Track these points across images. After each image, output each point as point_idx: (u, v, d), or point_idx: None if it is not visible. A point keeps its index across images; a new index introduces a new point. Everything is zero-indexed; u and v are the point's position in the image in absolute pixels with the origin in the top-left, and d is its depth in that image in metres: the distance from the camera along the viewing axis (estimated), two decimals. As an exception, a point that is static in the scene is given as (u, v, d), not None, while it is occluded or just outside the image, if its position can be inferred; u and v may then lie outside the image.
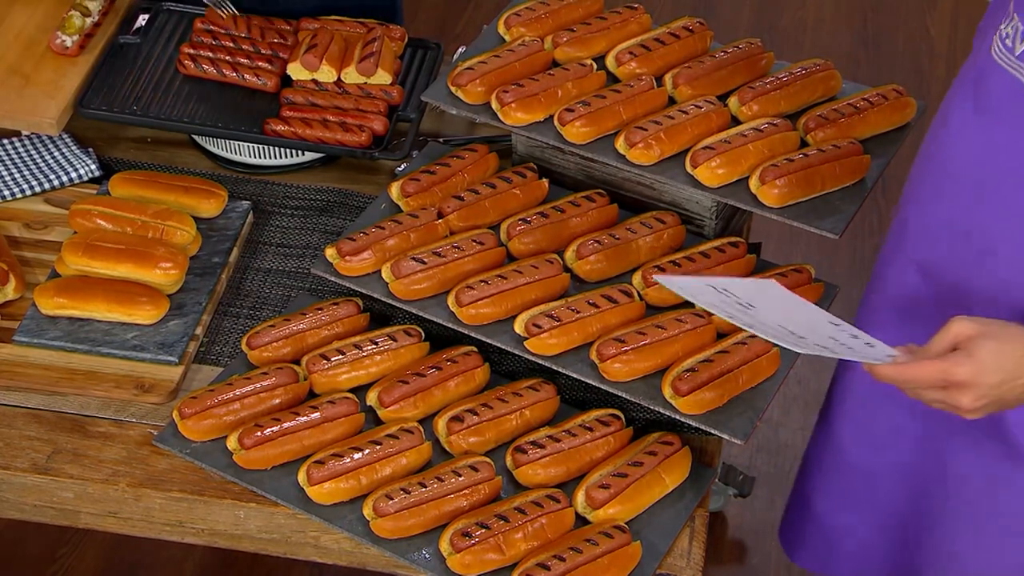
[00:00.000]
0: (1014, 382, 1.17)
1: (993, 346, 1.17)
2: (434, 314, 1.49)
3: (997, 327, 1.18)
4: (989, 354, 1.16)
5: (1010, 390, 1.18)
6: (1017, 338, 1.17)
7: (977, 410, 1.19)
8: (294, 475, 1.40)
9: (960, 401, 1.18)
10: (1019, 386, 1.17)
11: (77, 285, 1.55)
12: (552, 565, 1.31)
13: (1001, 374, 1.16)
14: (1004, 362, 1.16)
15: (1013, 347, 1.17)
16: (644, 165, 1.51)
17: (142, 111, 1.73)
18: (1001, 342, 1.17)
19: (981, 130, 1.30)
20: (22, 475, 1.43)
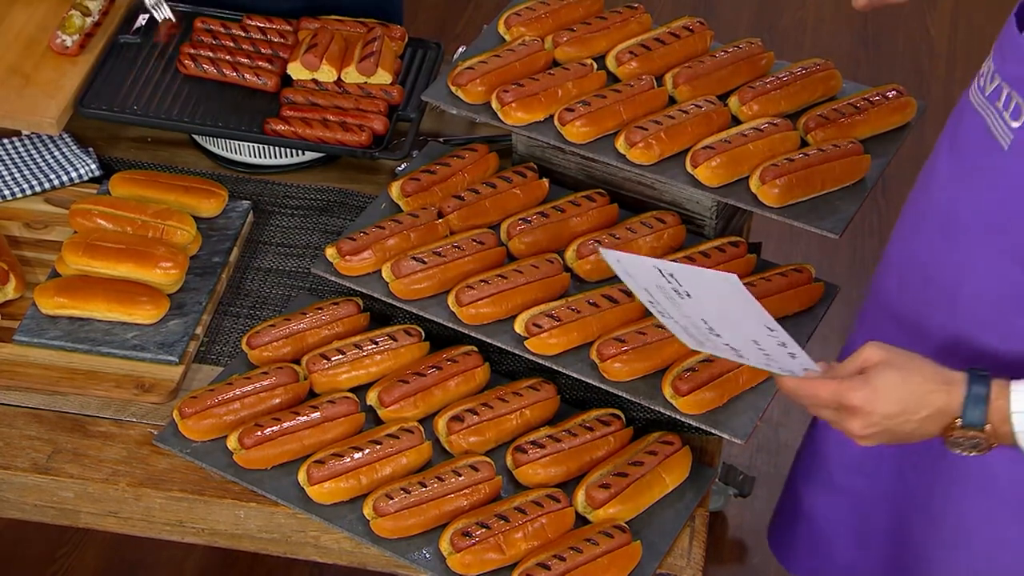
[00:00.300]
0: (908, 416, 1.14)
1: (893, 377, 1.13)
2: (434, 314, 1.49)
3: (905, 359, 1.15)
4: (887, 384, 1.13)
5: (902, 424, 1.14)
6: (921, 373, 1.14)
7: (867, 437, 1.16)
8: (294, 475, 1.40)
9: (850, 425, 1.15)
10: (914, 422, 1.14)
11: (77, 285, 1.55)
12: (552, 565, 1.31)
13: (896, 406, 1.13)
14: (900, 394, 1.13)
15: (914, 382, 1.13)
16: (644, 165, 1.51)
17: (142, 111, 1.73)
18: (903, 374, 1.13)
19: (951, 169, 1.27)
20: (22, 475, 1.43)
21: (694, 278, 1.15)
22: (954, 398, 1.13)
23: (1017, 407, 1.10)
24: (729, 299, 1.13)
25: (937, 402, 1.13)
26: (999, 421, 1.12)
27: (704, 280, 1.15)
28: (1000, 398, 1.11)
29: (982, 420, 1.12)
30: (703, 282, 1.15)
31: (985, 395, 1.12)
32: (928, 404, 1.13)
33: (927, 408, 1.13)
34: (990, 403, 1.12)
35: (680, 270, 1.15)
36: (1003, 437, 1.13)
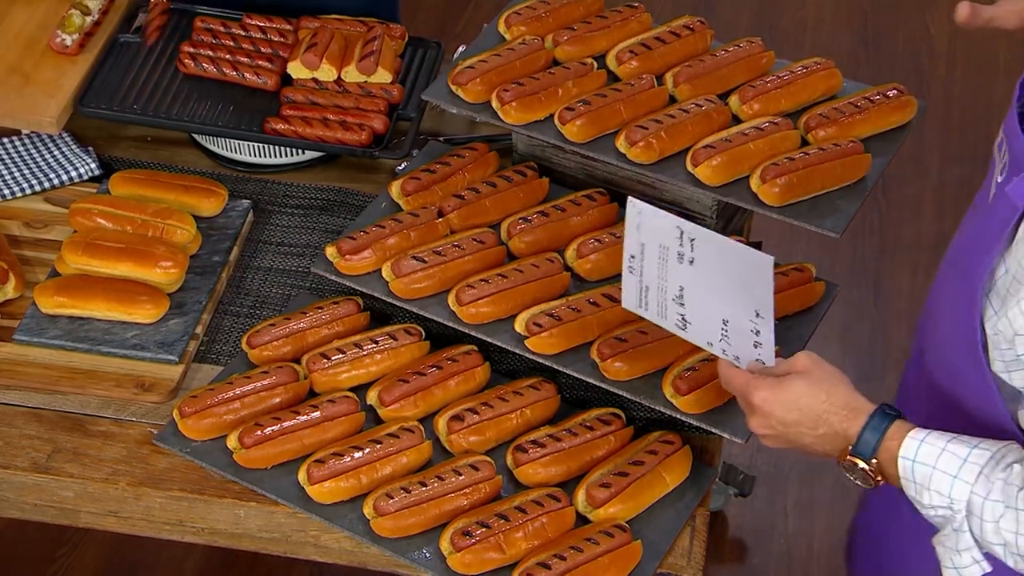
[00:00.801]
0: (803, 429, 1.15)
1: (800, 388, 1.15)
2: (434, 313, 1.48)
3: (823, 373, 1.16)
4: (792, 393, 1.15)
5: (799, 435, 1.16)
6: (830, 392, 1.15)
7: (764, 437, 1.19)
8: (294, 474, 1.39)
9: (750, 421, 1.19)
10: (809, 436, 1.16)
11: (77, 284, 1.55)
12: (553, 564, 1.31)
13: (793, 416, 1.15)
14: (801, 406, 1.15)
15: (818, 398, 1.14)
16: (645, 164, 1.51)
17: (142, 110, 1.73)
18: (813, 388, 1.15)
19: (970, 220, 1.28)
20: (22, 474, 1.43)
21: (716, 246, 1.19)
22: (852, 425, 1.14)
23: (905, 453, 1.10)
24: (744, 274, 1.17)
25: (835, 424, 1.14)
26: (887, 460, 1.12)
27: (729, 251, 1.18)
28: (894, 439, 1.12)
29: (870, 453, 1.13)
30: (727, 253, 1.18)
31: (882, 431, 1.12)
32: (826, 423, 1.15)
33: (823, 427, 1.15)
34: (884, 441, 1.12)
35: (705, 236, 1.19)
36: (890, 477, 1.13)
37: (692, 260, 1.21)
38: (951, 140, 2.93)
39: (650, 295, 1.27)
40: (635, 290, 1.29)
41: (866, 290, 2.66)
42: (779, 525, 2.29)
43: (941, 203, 2.82)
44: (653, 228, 1.23)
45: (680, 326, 1.26)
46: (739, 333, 1.22)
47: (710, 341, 1.25)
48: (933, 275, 2.98)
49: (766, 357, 1.22)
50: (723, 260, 1.19)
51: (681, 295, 1.24)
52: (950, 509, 1.09)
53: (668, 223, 1.21)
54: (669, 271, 1.24)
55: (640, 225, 1.24)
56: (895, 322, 2.61)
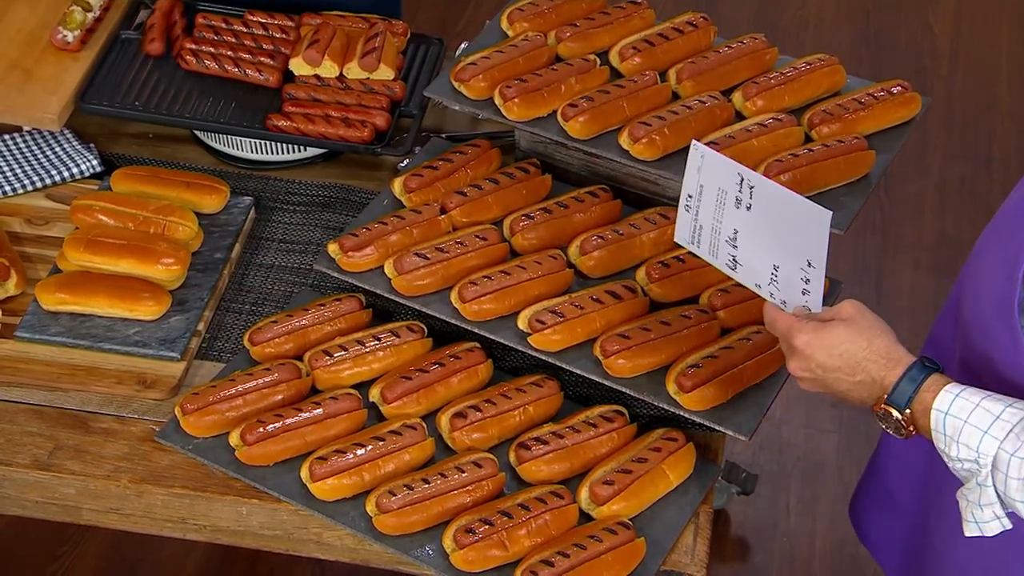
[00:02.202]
0: (842, 375, 1.17)
1: (843, 334, 1.17)
2: (437, 310, 1.48)
3: (868, 323, 1.17)
4: (835, 338, 1.17)
5: (836, 380, 1.17)
6: (871, 340, 1.16)
7: (801, 380, 1.21)
8: (297, 471, 1.39)
9: (789, 362, 1.21)
10: (847, 382, 1.17)
11: (79, 281, 1.54)
12: (556, 561, 1.30)
13: (834, 361, 1.17)
14: (841, 351, 1.16)
15: (859, 345, 1.16)
16: (648, 160, 1.51)
17: (144, 107, 1.72)
18: (854, 335, 1.16)
19: None
20: (24, 471, 1.42)
21: (775, 197, 1.21)
22: (890, 374, 1.15)
23: (939, 405, 1.11)
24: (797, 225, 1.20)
25: (873, 372, 1.16)
26: (920, 411, 1.13)
27: (788, 202, 1.20)
28: (929, 391, 1.13)
29: (905, 404, 1.14)
30: (784, 202, 1.21)
31: (919, 382, 1.14)
32: (864, 370, 1.16)
33: (862, 374, 1.16)
34: (919, 392, 1.13)
35: (766, 185, 1.21)
36: (922, 429, 1.14)
37: (749, 206, 1.24)
38: (953, 139, 2.93)
39: (703, 234, 1.30)
40: (689, 227, 1.31)
41: (868, 288, 2.66)
42: (781, 523, 2.29)
43: (943, 201, 2.82)
44: (713, 171, 1.26)
45: (730, 266, 1.29)
46: (788, 279, 1.23)
47: (759, 283, 1.27)
48: (935, 273, 2.98)
49: (813, 304, 1.22)
50: (781, 209, 1.21)
51: (735, 237, 1.26)
52: (976, 463, 1.10)
53: (730, 168, 1.24)
54: (725, 214, 1.26)
55: (701, 168, 1.27)
56: (896, 320, 2.59)
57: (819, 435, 2.40)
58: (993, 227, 1.28)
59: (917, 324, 2.61)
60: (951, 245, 2.72)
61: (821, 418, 2.44)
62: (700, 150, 1.28)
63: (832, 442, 2.41)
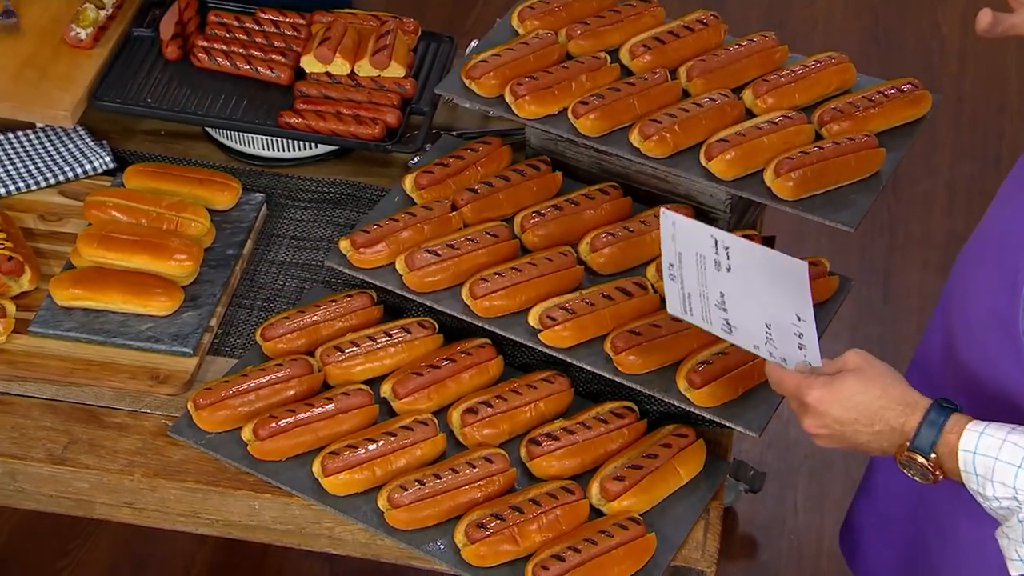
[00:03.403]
0: (860, 427, 1.14)
1: (855, 385, 1.14)
2: (448, 306, 1.49)
3: (877, 370, 1.15)
4: (847, 390, 1.14)
5: (855, 433, 1.15)
6: (885, 388, 1.14)
7: (818, 436, 1.18)
8: (309, 466, 1.40)
9: (803, 421, 1.18)
10: (866, 433, 1.14)
11: (92, 276, 1.55)
12: (567, 556, 1.31)
13: (850, 414, 1.14)
14: (856, 403, 1.14)
15: (873, 395, 1.14)
16: (658, 158, 1.51)
17: (156, 104, 1.73)
18: (867, 385, 1.14)
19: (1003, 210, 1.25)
20: (38, 465, 1.43)
21: (751, 255, 1.19)
22: (910, 420, 1.13)
23: (965, 445, 1.09)
24: (780, 283, 1.17)
25: (892, 420, 1.13)
26: (946, 454, 1.11)
27: (765, 259, 1.18)
28: (952, 432, 1.11)
29: (929, 448, 1.12)
30: (760, 260, 1.18)
31: (940, 425, 1.11)
32: (882, 419, 1.14)
33: (880, 423, 1.14)
34: (942, 434, 1.11)
35: (740, 245, 1.19)
36: (950, 472, 1.12)
37: (729, 267, 1.21)
38: (961, 138, 2.93)
39: (693, 301, 1.28)
40: (678, 297, 1.29)
41: (876, 287, 2.66)
42: (789, 521, 2.29)
43: (951, 201, 2.82)
44: (688, 238, 1.24)
45: (726, 330, 1.27)
46: (782, 336, 1.21)
47: (756, 344, 1.25)
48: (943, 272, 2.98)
49: (812, 358, 1.20)
50: (759, 267, 1.19)
51: (723, 301, 1.24)
52: (1015, 500, 1.08)
53: (702, 233, 1.22)
54: (708, 278, 1.24)
55: (675, 236, 1.25)
56: (905, 319, 2.61)
57: (827, 433, 2.40)
58: (977, 254, 1.26)
59: (925, 323, 2.61)
60: (960, 244, 2.70)
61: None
62: (670, 218, 1.24)
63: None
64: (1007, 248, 1.18)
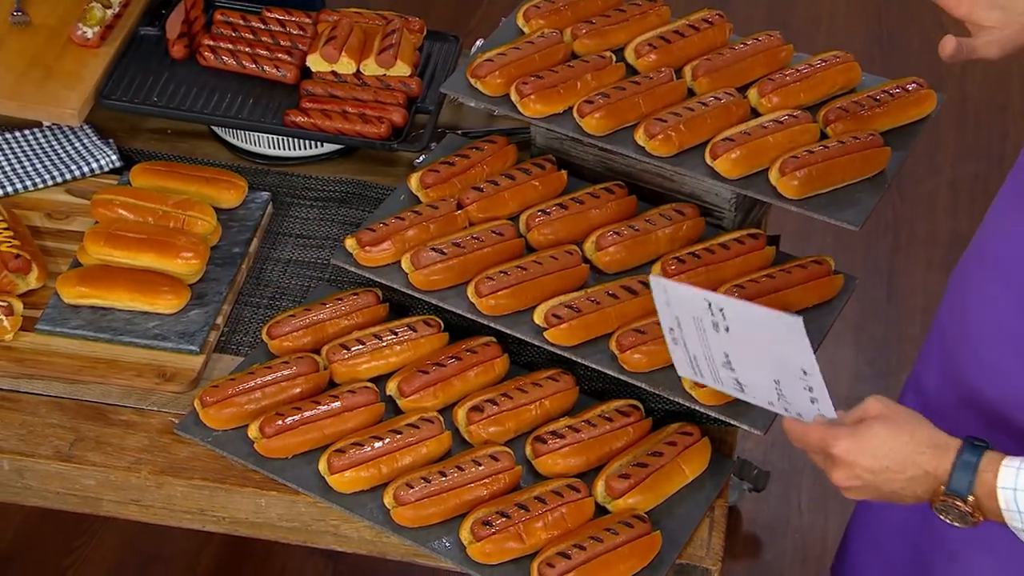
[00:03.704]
0: (892, 475, 1.11)
1: (881, 432, 1.12)
2: (453, 304, 1.49)
3: (902, 416, 1.13)
4: (875, 439, 1.12)
5: (887, 482, 1.12)
6: (913, 433, 1.11)
7: (849, 489, 1.15)
8: (315, 463, 1.40)
9: (833, 474, 1.15)
10: (899, 481, 1.11)
11: (99, 274, 1.56)
12: (572, 554, 1.31)
13: (881, 462, 1.11)
14: (887, 451, 1.11)
15: (902, 440, 1.11)
16: (663, 157, 1.51)
17: (163, 102, 1.74)
18: (894, 431, 1.11)
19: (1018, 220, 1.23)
20: (45, 462, 1.44)
21: (746, 314, 1.15)
22: (943, 463, 1.10)
23: (1004, 483, 1.07)
24: (780, 337, 1.13)
25: (924, 464, 1.11)
26: (985, 495, 1.09)
27: (759, 317, 1.14)
28: (988, 471, 1.08)
29: (967, 490, 1.09)
30: (756, 318, 1.15)
31: (975, 465, 1.09)
32: (915, 465, 1.11)
33: (913, 469, 1.11)
34: (978, 474, 1.09)
35: (733, 306, 1.15)
36: (989, 512, 1.10)
37: (727, 328, 1.18)
38: (965, 137, 2.93)
39: (700, 363, 1.25)
40: (684, 360, 1.27)
41: (880, 286, 2.66)
42: (793, 520, 2.29)
43: (955, 200, 2.82)
44: (681, 302, 1.21)
45: (738, 389, 1.24)
46: (793, 391, 1.18)
47: (770, 401, 1.22)
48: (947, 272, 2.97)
49: (825, 410, 1.17)
50: (756, 325, 1.16)
51: (728, 361, 1.21)
52: None
53: (695, 296, 1.19)
54: (709, 340, 1.21)
55: (668, 301, 1.22)
56: (909, 318, 2.61)
57: (830, 433, 2.41)
58: (980, 274, 1.25)
59: (930, 322, 2.61)
60: (964, 244, 2.71)
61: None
62: (661, 284, 1.21)
63: (844, 440, 2.41)
64: (1015, 264, 1.15)
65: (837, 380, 2.51)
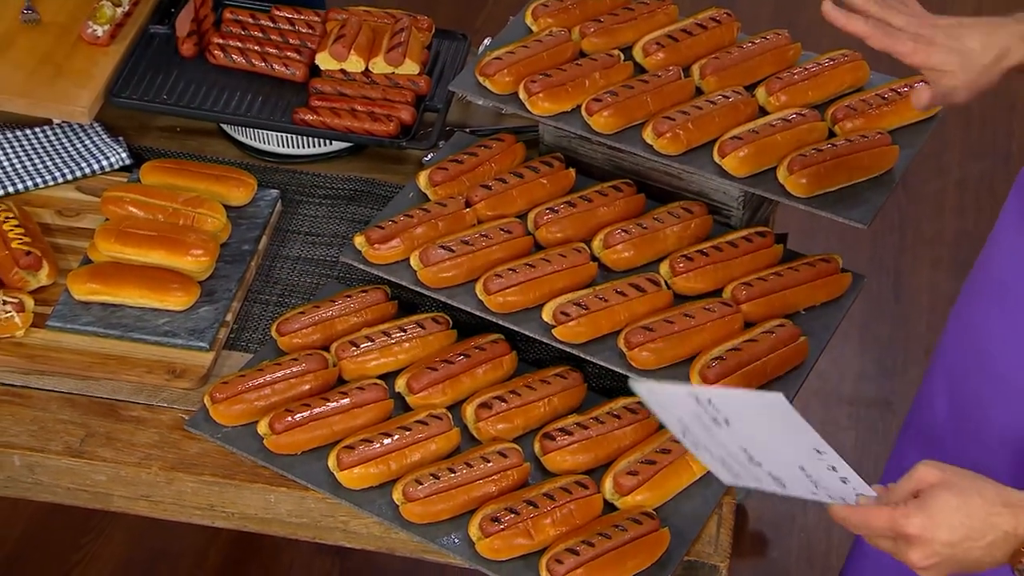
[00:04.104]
0: (972, 543, 1.05)
1: (951, 500, 1.05)
2: (462, 302, 1.50)
3: (963, 479, 1.06)
4: (945, 509, 1.05)
5: (967, 551, 1.05)
6: (981, 495, 1.05)
7: (928, 568, 1.07)
8: (324, 460, 1.41)
9: (909, 556, 1.07)
10: (979, 548, 1.05)
11: (109, 271, 1.57)
12: (581, 550, 1.32)
13: (958, 532, 1.04)
14: (962, 519, 1.04)
15: (974, 504, 1.04)
16: (672, 155, 1.52)
17: (172, 100, 1.74)
18: (962, 497, 1.05)
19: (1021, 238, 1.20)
20: (56, 458, 1.44)
21: (735, 402, 1.09)
22: (1020, 520, 1.04)
23: None
24: (774, 421, 1.07)
25: (1003, 525, 1.04)
26: None
27: (746, 403, 1.09)
28: None
29: None
30: (745, 405, 1.09)
31: None
32: (992, 527, 1.04)
33: (992, 532, 1.05)
34: None
35: (719, 395, 1.09)
36: None
37: (727, 420, 1.09)
38: (971, 136, 2.93)
39: (732, 465, 1.14)
40: (718, 466, 1.16)
41: (886, 286, 2.66)
42: (798, 518, 2.30)
43: (961, 199, 2.82)
44: (673, 403, 1.12)
45: (780, 485, 1.13)
46: (821, 474, 1.10)
47: (812, 491, 1.12)
48: (954, 272, 2.97)
49: (861, 488, 1.10)
50: (747, 411, 1.08)
51: (751, 456, 1.12)
52: None
53: (681, 394, 1.10)
54: (721, 438, 1.12)
55: (661, 404, 1.14)
56: (916, 318, 2.61)
57: (836, 431, 2.41)
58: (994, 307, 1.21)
59: (936, 322, 2.61)
60: (971, 242, 2.72)
61: (838, 415, 2.45)
62: (646, 387, 1.11)
63: (849, 438, 2.42)
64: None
65: (842, 380, 2.52)
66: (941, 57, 1.22)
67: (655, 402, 1.14)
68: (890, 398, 2.48)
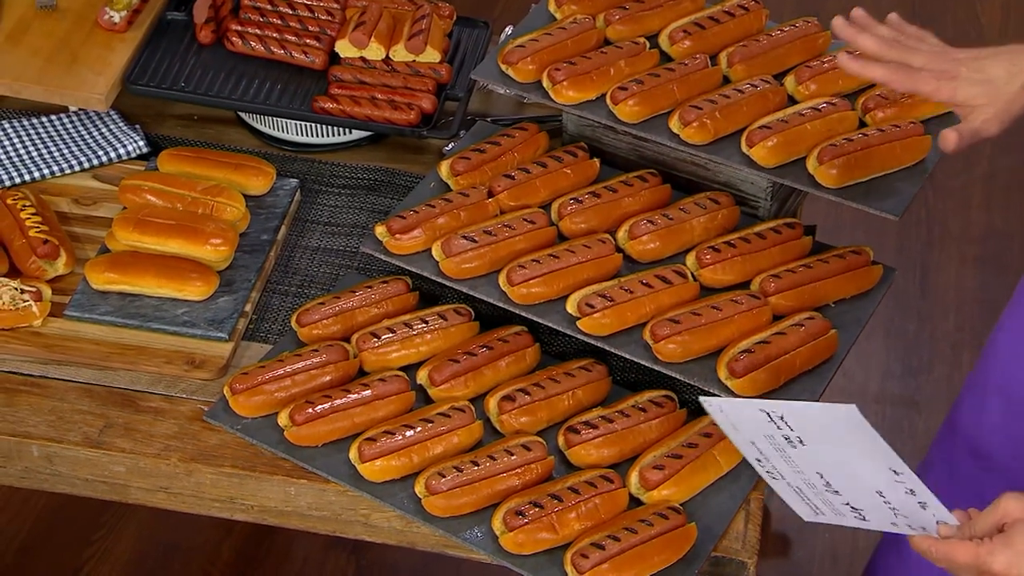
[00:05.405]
0: None
1: None
2: (484, 293, 1.47)
3: None
4: None
5: None
6: None
7: None
8: (345, 452, 1.39)
9: None
10: None
11: (128, 260, 1.55)
12: (607, 545, 1.29)
13: None
14: None
15: None
16: (698, 144, 1.49)
17: (189, 88, 1.72)
18: None
19: None
20: (75, 449, 1.43)
21: (807, 416, 1.06)
22: None
23: None
24: (848, 436, 1.05)
25: None
26: None
27: (819, 416, 1.06)
28: None
29: None
30: (817, 419, 1.06)
31: None
32: None
33: None
34: None
35: (791, 409, 1.06)
36: None
37: (800, 439, 1.07)
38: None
39: (808, 495, 1.12)
40: (794, 498, 1.14)
41: (912, 281, 2.63)
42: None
43: (989, 194, 2.78)
44: (745, 421, 1.10)
45: (860, 518, 1.12)
46: (900, 500, 1.08)
47: (893, 522, 1.10)
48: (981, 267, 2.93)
49: (941, 515, 1.08)
50: (821, 426, 1.06)
51: (827, 483, 1.10)
52: None
53: (752, 410, 1.08)
54: (796, 461, 1.10)
55: (733, 424, 1.11)
56: (942, 314, 2.58)
57: (860, 429, 2.37)
58: None
59: (963, 318, 2.57)
60: (998, 238, 2.68)
61: (865, 413, 2.40)
62: (716, 404, 1.09)
63: (873, 436, 2.38)
64: None
65: (868, 377, 2.48)
66: (967, 90, 1.20)
67: (727, 422, 1.12)
68: (916, 397, 2.44)
